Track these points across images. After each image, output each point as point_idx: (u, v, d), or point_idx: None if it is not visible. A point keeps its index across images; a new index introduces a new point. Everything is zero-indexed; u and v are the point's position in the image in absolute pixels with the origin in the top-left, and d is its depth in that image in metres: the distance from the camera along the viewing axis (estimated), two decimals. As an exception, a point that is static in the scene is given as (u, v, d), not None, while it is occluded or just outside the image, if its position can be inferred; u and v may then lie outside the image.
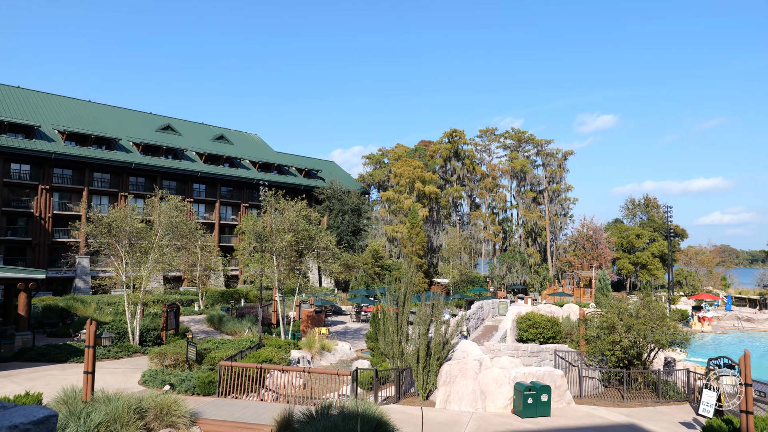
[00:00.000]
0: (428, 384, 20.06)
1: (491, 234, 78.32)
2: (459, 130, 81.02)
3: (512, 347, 23.85)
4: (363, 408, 15.11)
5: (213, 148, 69.61)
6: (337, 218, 73.12)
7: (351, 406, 15.39)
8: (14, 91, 59.29)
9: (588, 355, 23.01)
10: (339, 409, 15.07)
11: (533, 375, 18.61)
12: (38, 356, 25.64)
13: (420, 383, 20.14)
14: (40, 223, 51.91)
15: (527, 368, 19.11)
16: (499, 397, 18.42)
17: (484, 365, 19.39)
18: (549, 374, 18.76)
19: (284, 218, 32.35)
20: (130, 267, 30.20)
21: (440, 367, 19.75)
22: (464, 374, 18.98)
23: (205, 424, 16.00)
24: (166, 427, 15.23)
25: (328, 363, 30.13)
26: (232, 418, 16.30)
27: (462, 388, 18.80)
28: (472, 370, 18.97)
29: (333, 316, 49.72)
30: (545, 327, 28.90)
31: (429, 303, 22.47)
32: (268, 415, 15.86)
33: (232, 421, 16.06)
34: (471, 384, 18.80)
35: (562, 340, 28.99)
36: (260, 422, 15.67)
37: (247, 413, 16.73)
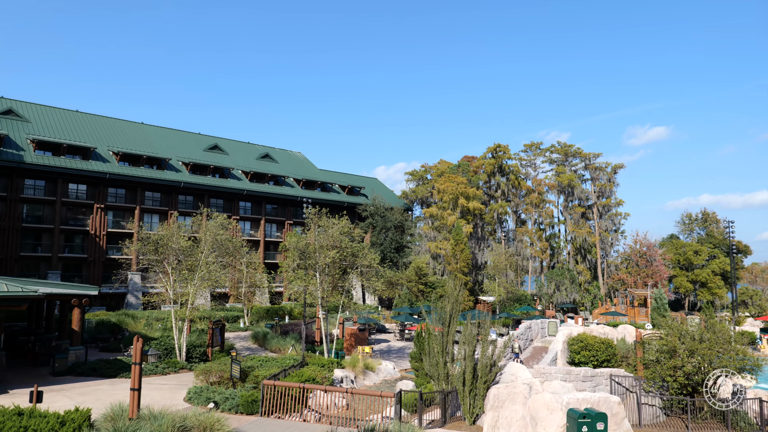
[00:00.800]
0: (475, 408, 19.29)
1: (538, 250, 76.41)
2: (503, 144, 79.91)
3: (564, 371, 22.76)
4: (407, 432, 14.57)
5: (258, 167, 70.86)
6: (380, 235, 72.92)
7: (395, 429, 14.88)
8: (73, 115, 62.12)
9: (647, 380, 21.69)
10: (382, 433, 14.58)
11: (587, 401, 17.59)
12: (90, 371, 26.19)
13: (466, 407, 19.39)
14: (95, 240, 53.79)
15: (581, 394, 18.10)
16: (550, 424, 17.48)
17: (534, 389, 18.49)
18: (605, 401, 17.70)
19: (327, 235, 32.30)
20: (177, 284, 30.68)
21: (487, 391, 18.96)
22: (513, 399, 18.15)
23: (248, 445, 15.79)
24: (209, 446, 15.08)
25: (371, 383, 29.63)
26: (274, 439, 16.03)
27: (511, 414, 17.96)
28: (522, 394, 18.12)
29: (377, 334, 49.24)
30: (599, 349, 27.57)
31: (475, 322, 21.76)
32: (309, 437, 15.51)
33: (274, 442, 15.78)
34: (520, 409, 17.94)
35: (617, 363, 27.57)
36: (302, 444, 15.33)
37: (289, 434, 16.44)
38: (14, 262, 49.01)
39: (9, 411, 13.59)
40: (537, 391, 18.40)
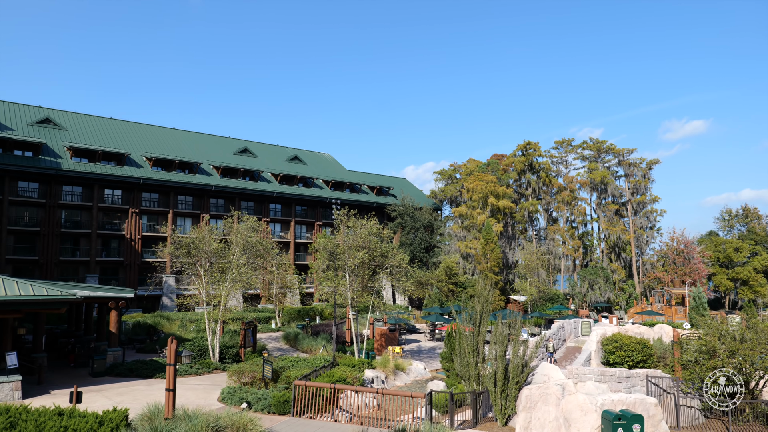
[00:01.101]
0: (507, 409, 19.06)
1: (570, 249, 75.18)
2: (533, 142, 78.89)
3: (598, 371, 22.31)
4: (438, 433, 14.49)
5: (287, 169, 71.55)
6: (409, 235, 72.80)
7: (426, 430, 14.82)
8: (107, 122, 63.82)
9: (685, 381, 21.09)
10: (413, 434, 14.53)
11: (623, 402, 17.19)
12: (127, 371, 26.84)
13: (498, 408, 19.18)
14: (130, 244, 55.13)
15: (616, 395, 17.70)
16: (584, 425, 17.14)
17: (568, 390, 18.16)
18: (641, 402, 17.28)
19: (356, 236, 32.40)
20: (210, 285, 31.20)
21: (519, 392, 18.72)
22: (546, 400, 17.86)
23: (280, 445, 15.93)
24: (242, 446, 15.27)
25: (402, 383, 29.59)
26: (306, 439, 16.13)
27: (544, 415, 17.68)
28: (555, 395, 17.82)
29: (407, 335, 49.18)
30: (634, 350, 26.93)
31: (506, 322, 21.50)
32: (342, 437, 15.56)
33: (306, 442, 15.88)
34: (553, 411, 17.65)
35: (653, 364, 26.87)
36: (333, 445, 15.39)
37: (320, 435, 16.53)
38: (54, 266, 50.59)
39: (50, 411, 14.00)
40: (570, 392, 18.07)
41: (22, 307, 21.73)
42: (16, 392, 21.06)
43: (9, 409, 13.74)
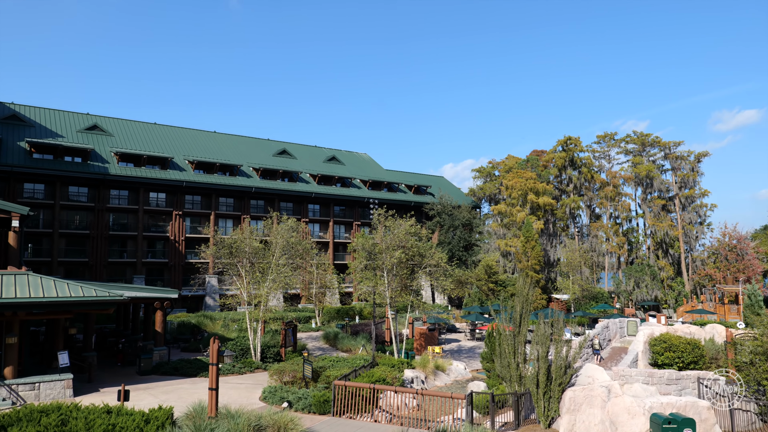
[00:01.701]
0: (550, 411, 18.61)
1: (615, 246, 73.16)
2: (574, 137, 77.12)
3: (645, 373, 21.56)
4: (479, 436, 14.25)
5: (325, 169, 72.09)
6: (447, 234, 72.28)
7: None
8: (151, 128, 65.70)
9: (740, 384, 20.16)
10: (454, 436, 14.33)
11: (672, 406, 16.56)
12: (172, 370, 27.50)
13: (541, 410, 18.75)
14: (174, 245, 56.60)
15: (665, 398, 17.06)
16: (631, 429, 16.59)
17: (614, 393, 17.61)
18: (692, 405, 16.60)
19: (394, 236, 32.32)
20: (251, 286, 31.68)
21: (563, 393, 18.26)
22: (590, 402, 17.37)
23: (320, 445, 15.98)
24: (283, 445, 15.38)
25: (442, 383, 29.35)
26: (346, 439, 16.13)
27: (588, 418, 17.20)
28: (600, 397, 17.31)
29: (446, 334, 48.82)
30: (684, 350, 25.91)
31: (548, 321, 21.00)
32: (381, 438, 15.49)
33: (346, 442, 15.88)
34: (599, 413, 17.14)
35: (705, 365, 25.81)
36: (373, 445, 15.34)
37: (360, 435, 16.50)
38: (103, 267, 52.39)
39: (99, 409, 14.43)
40: (616, 394, 17.52)
41: (72, 308, 22.52)
42: (68, 390, 21.84)
43: (60, 406, 14.23)
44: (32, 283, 22.22)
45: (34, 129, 54.32)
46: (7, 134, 51.44)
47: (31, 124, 54.74)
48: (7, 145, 50.18)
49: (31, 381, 21.34)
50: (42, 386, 21.45)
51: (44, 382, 21.55)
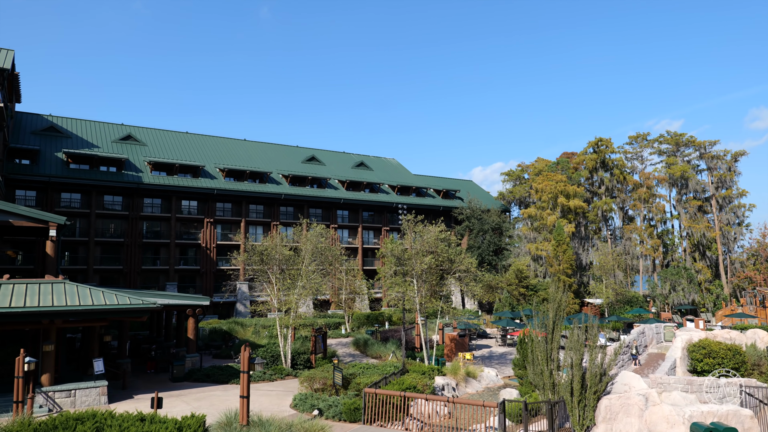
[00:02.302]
0: (585, 420, 18.13)
1: (649, 248, 71.40)
2: (605, 138, 75.66)
3: (684, 380, 20.87)
4: (512, 446, 13.95)
5: (354, 175, 72.32)
6: (477, 238, 71.63)
7: (499, 442, 14.30)
8: (183, 137, 66.97)
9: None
10: (486, 446, 14.06)
11: (714, 414, 15.96)
12: (204, 377, 27.80)
13: (575, 419, 18.29)
14: (206, 252, 57.46)
15: (705, 406, 16.47)
16: (672, 439, 16.05)
17: (651, 401, 17.08)
18: (734, 414, 15.98)
19: (423, 241, 32.14)
20: (281, 292, 31.88)
21: (598, 402, 17.79)
22: (627, 411, 16.88)
23: (351, 454, 15.89)
24: (314, 453, 15.35)
25: (473, 390, 28.97)
26: (377, 448, 16.00)
27: (625, 427, 16.72)
28: (637, 406, 16.81)
29: (477, 340, 48.29)
30: (725, 356, 25.02)
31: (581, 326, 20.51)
32: (412, 447, 15.31)
33: (377, 451, 15.75)
34: (636, 422, 16.65)
35: (747, 372, 24.87)
36: (404, 455, 15.16)
37: (391, 444, 16.35)
38: (137, 275, 53.48)
39: (132, 417, 14.60)
40: (654, 402, 16.99)
41: (107, 316, 22.98)
42: (103, 397, 22.26)
43: (95, 414, 14.45)
44: (68, 291, 22.75)
45: (70, 140, 55.91)
46: (45, 145, 53.06)
47: (67, 135, 56.37)
48: (45, 156, 51.75)
49: (67, 388, 21.81)
50: (78, 393, 21.90)
51: (80, 389, 22.00)
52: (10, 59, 39.20)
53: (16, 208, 25.18)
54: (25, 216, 25.08)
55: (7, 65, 37.85)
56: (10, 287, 22.09)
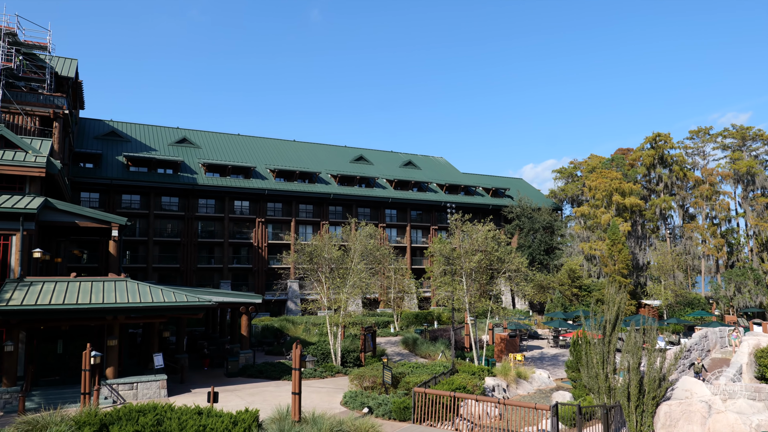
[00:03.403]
0: (642, 426, 17.51)
1: (712, 248, 68.20)
2: (663, 133, 72.73)
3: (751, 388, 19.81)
4: (566, 450, 13.63)
5: (402, 174, 72.37)
6: (527, 237, 70.31)
7: (552, 446, 13.99)
8: (235, 139, 68.78)
9: None
10: (539, 449, 13.79)
11: (785, 425, 15.09)
12: (257, 373, 28.47)
13: (633, 424, 17.68)
14: (257, 251, 58.81)
15: (775, 415, 15.59)
16: (738, 448, 15.28)
17: (715, 408, 16.32)
18: (808, 425, 15.04)
19: (472, 240, 31.83)
20: (330, 291, 32.26)
21: (657, 408, 17.15)
22: (689, 418, 16.20)
23: (401, 453, 15.90)
24: (364, 452, 15.45)
25: (524, 392, 28.47)
26: (427, 448, 15.95)
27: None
28: (699, 413, 16.10)
29: (528, 341, 47.41)
30: (796, 362, 23.60)
31: (639, 329, 19.82)
32: (462, 448, 15.18)
33: (427, 451, 15.70)
34: (698, 430, 15.96)
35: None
36: (455, 456, 15.05)
37: (441, 444, 16.26)
38: (193, 273, 55.30)
39: (191, 410, 15.12)
40: (718, 410, 16.22)
41: (165, 313, 23.87)
42: (162, 390, 23.14)
43: (156, 407, 15.05)
44: (130, 289, 23.76)
45: (130, 144, 58.38)
46: (106, 149, 55.62)
47: (127, 139, 58.88)
48: (107, 159, 54.24)
49: (129, 381, 22.80)
50: (139, 386, 22.86)
51: (141, 383, 22.95)
52: (74, 68, 41.27)
53: (81, 210, 26.51)
54: (89, 217, 26.37)
55: (71, 74, 39.87)
56: (77, 285, 23.28)
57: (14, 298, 20.84)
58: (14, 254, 23.79)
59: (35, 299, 21.03)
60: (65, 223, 26.07)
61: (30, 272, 24.33)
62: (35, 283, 22.56)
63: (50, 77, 37.35)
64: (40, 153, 27.07)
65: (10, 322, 20.82)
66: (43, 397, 21.27)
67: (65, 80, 39.43)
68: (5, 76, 35.20)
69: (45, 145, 29.74)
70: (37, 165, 26.10)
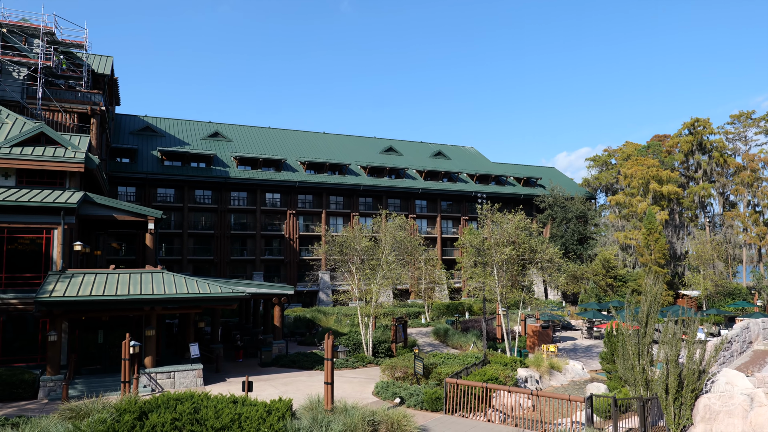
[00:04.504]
0: (681, 419, 17.10)
1: (754, 236, 65.98)
2: (702, 118, 70.49)
3: (796, 380, 19.18)
4: (602, 442, 13.42)
5: (431, 165, 72.01)
6: (560, 227, 69.21)
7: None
8: (265, 132, 69.46)
9: None
10: (573, 441, 13.61)
11: (833, 419, 14.54)
12: (290, 363, 28.85)
13: (670, 417, 17.29)
14: (289, 243, 59.45)
15: (822, 409, 15.03)
16: (782, 443, 14.81)
17: (757, 401, 15.84)
18: None
19: (503, 231, 31.49)
20: (361, 282, 32.41)
21: (696, 400, 16.72)
22: (730, 411, 15.75)
23: (433, 443, 15.92)
24: (397, 441, 15.52)
25: (558, 384, 28.15)
26: (459, 438, 15.92)
27: (727, 428, 15.62)
28: (741, 406, 15.64)
29: (561, 332, 46.81)
30: (844, 354, 22.70)
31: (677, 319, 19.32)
32: (495, 439, 15.11)
33: (459, 442, 15.68)
34: (739, 423, 15.51)
35: None
36: (488, 446, 14.99)
37: (473, 435, 16.22)
38: (226, 265, 56.28)
39: (226, 399, 15.41)
40: (761, 403, 15.74)
41: (201, 304, 24.35)
42: (199, 379, 23.67)
43: (193, 395, 15.38)
44: (166, 280, 24.31)
45: (164, 138, 59.55)
46: (142, 144, 56.87)
47: (161, 134, 60.07)
48: (143, 154, 55.47)
49: (167, 370, 23.39)
50: (176, 375, 23.43)
51: (178, 372, 23.52)
52: (110, 65, 42.23)
53: (119, 203, 27.20)
54: (126, 211, 27.04)
55: (107, 71, 40.82)
56: (116, 276, 23.94)
57: (57, 289, 21.55)
58: (56, 247, 24.59)
59: (77, 291, 21.71)
60: (104, 216, 26.80)
61: (71, 265, 25.11)
62: (76, 275, 23.28)
63: (87, 75, 38.32)
64: (79, 149, 27.82)
65: (53, 312, 21.57)
66: (86, 385, 22.00)
67: (101, 77, 40.41)
68: (45, 74, 36.28)
69: (83, 141, 30.56)
70: (76, 161, 26.84)
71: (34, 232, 24.53)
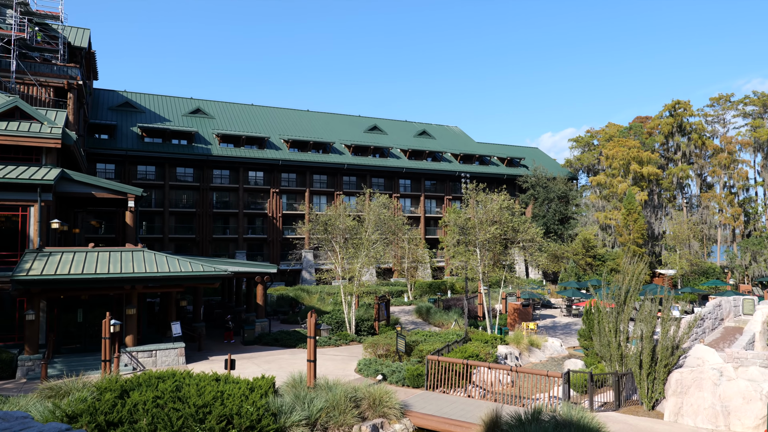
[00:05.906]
0: (654, 393, 17.64)
1: (729, 217, 67.35)
2: (683, 101, 71.22)
3: (764, 356, 19.80)
4: (578, 416, 13.81)
5: (416, 144, 71.91)
6: (542, 207, 69.89)
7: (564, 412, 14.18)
8: (249, 109, 68.59)
9: None
10: (550, 414, 13.99)
11: (797, 392, 15.09)
12: (273, 341, 29.00)
13: (644, 391, 17.82)
14: (272, 222, 59.23)
15: (788, 383, 15.58)
16: (746, 415, 15.39)
17: (726, 376, 16.35)
18: (821, 393, 15.04)
19: (486, 211, 31.73)
20: (345, 261, 32.52)
21: (668, 375, 17.24)
22: (699, 385, 16.26)
23: (415, 417, 16.22)
24: (379, 416, 15.78)
25: (537, 360, 28.74)
26: (440, 413, 16.25)
27: (697, 401, 16.13)
28: (710, 380, 16.15)
29: (541, 310, 47.62)
30: (811, 331, 23.48)
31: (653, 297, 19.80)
32: (475, 413, 15.46)
33: (440, 416, 16.00)
34: (708, 397, 16.03)
35: (836, 348, 23.26)
36: (468, 420, 15.33)
37: (454, 409, 16.55)
38: (208, 243, 55.97)
39: (208, 377, 15.50)
40: (730, 377, 16.26)
41: (183, 282, 24.26)
42: (181, 358, 23.70)
43: (175, 373, 15.44)
44: (147, 258, 24.15)
45: (144, 114, 58.51)
46: (121, 120, 55.83)
47: (141, 110, 58.99)
48: (122, 130, 54.50)
49: (148, 349, 23.37)
50: (158, 354, 23.43)
51: (160, 350, 23.52)
52: (87, 38, 41.18)
53: (98, 181, 26.79)
54: (105, 188, 26.66)
55: (84, 44, 39.81)
56: (95, 255, 23.71)
57: (34, 268, 21.30)
58: (33, 225, 24.21)
59: (54, 269, 21.47)
60: (82, 194, 26.39)
61: (49, 243, 24.78)
62: (54, 254, 23.00)
63: (63, 47, 37.34)
64: (56, 124, 27.26)
65: (30, 291, 21.32)
66: (65, 365, 21.92)
67: (78, 50, 39.41)
68: (18, 46, 35.26)
69: (60, 116, 29.92)
70: (52, 136, 26.31)
71: (9, 210, 24.10)
